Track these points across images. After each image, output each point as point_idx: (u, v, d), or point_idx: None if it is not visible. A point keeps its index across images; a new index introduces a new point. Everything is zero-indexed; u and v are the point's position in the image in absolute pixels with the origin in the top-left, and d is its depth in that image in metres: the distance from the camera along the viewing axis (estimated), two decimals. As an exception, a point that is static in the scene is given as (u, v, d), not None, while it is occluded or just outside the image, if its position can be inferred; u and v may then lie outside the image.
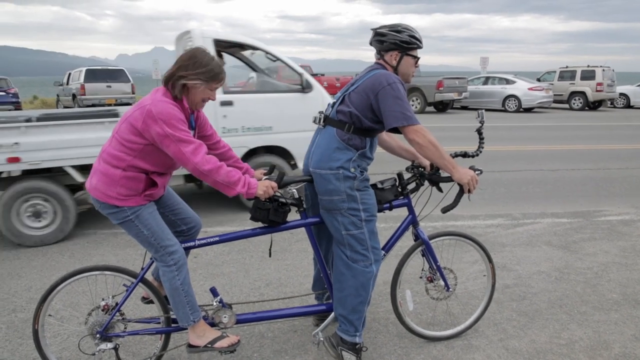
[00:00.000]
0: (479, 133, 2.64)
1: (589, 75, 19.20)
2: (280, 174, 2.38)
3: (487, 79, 19.66)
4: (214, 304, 2.45)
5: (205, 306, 2.54)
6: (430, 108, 18.20)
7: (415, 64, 2.51)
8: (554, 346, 2.79)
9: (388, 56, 2.47)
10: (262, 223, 2.44)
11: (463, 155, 2.74)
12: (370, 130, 2.43)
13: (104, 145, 2.25)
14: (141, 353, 2.70)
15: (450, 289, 2.78)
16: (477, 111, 2.61)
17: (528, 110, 18.63)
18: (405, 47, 2.44)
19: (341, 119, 2.41)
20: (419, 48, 2.49)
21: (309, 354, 2.71)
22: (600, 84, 18.93)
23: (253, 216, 2.41)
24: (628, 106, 21.15)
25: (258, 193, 2.24)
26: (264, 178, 2.45)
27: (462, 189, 2.44)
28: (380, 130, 2.47)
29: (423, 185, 2.70)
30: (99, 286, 3.24)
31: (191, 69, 2.14)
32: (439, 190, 2.69)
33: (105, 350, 2.35)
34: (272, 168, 2.67)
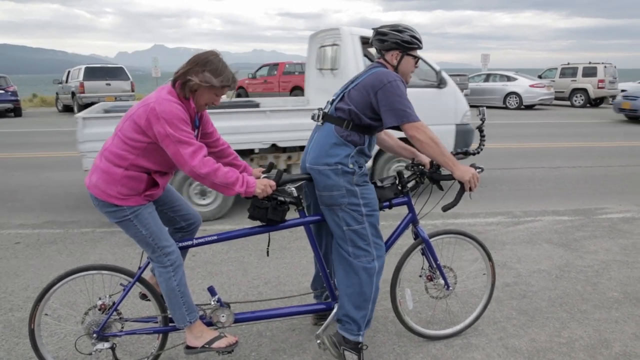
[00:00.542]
0: (480, 130, 2.62)
1: (591, 72, 19.13)
2: (278, 172, 2.36)
3: (488, 76, 19.61)
4: (212, 303, 2.43)
5: (203, 305, 2.52)
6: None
7: (415, 64, 2.52)
8: (554, 345, 2.77)
9: (389, 55, 2.48)
10: (261, 222, 2.42)
11: (464, 153, 2.72)
12: (369, 127, 2.41)
13: (106, 142, 2.23)
14: (138, 352, 2.69)
15: (450, 288, 2.76)
16: (478, 108, 2.60)
17: (529, 107, 18.57)
18: (406, 47, 2.45)
19: (340, 116, 2.40)
20: (419, 48, 2.50)
21: (308, 353, 2.69)
22: (602, 81, 18.86)
23: (251, 215, 2.39)
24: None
25: (256, 192, 2.21)
26: (263, 176, 2.43)
27: (463, 187, 2.41)
28: (379, 128, 2.46)
29: (423, 183, 2.67)
30: (96, 285, 3.22)
31: (204, 73, 2.12)
32: (440, 188, 2.67)
33: (102, 350, 2.33)
34: (271, 166, 2.64)
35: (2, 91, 16.68)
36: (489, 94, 18.83)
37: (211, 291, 2.45)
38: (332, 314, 2.55)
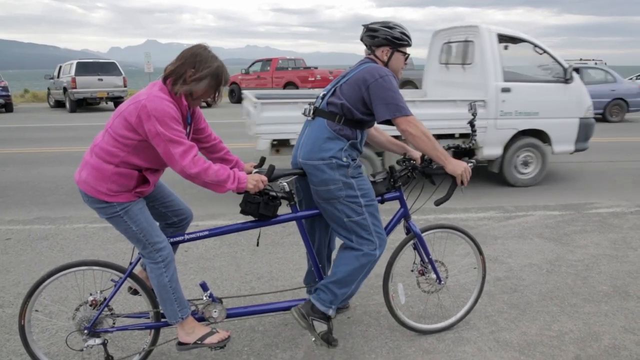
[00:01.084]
0: (471, 125, 2.63)
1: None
2: (270, 167, 2.36)
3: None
4: (204, 299, 2.43)
5: (195, 300, 2.52)
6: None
7: (404, 61, 2.55)
8: (545, 338, 2.79)
9: (379, 52, 2.49)
10: (253, 217, 2.42)
11: (456, 147, 2.73)
12: (361, 122, 2.42)
13: (96, 138, 2.20)
14: (130, 348, 2.68)
15: (441, 282, 2.78)
16: (469, 103, 2.60)
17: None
18: (396, 43, 2.47)
19: (332, 110, 2.40)
20: (409, 45, 2.52)
21: (300, 348, 2.70)
22: (592, 78, 18.96)
23: (243, 210, 2.38)
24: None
25: (248, 187, 2.21)
26: (254, 171, 2.42)
27: (455, 181, 2.42)
28: (371, 122, 2.46)
29: (415, 178, 2.68)
30: (87, 281, 3.20)
31: (195, 68, 2.10)
32: (432, 182, 2.68)
33: (93, 345, 2.33)
34: (262, 161, 2.64)
35: (-7, 86, 16.52)
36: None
37: (203, 287, 2.45)
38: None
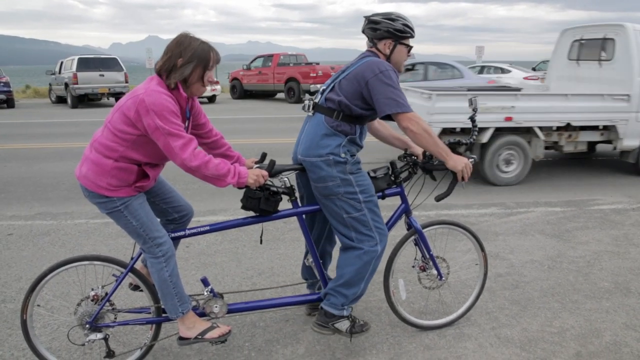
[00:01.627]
0: (472, 120, 2.62)
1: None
2: (271, 162, 2.35)
3: (483, 68, 19.56)
4: (205, 294, 2.43)
5: (196, 296, 2.52)
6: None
7: (407, 53, 2.50)
8: (546, 334, 2.79)
9: (381, 44, 2.45)
10: (254, 212, 2.41)
11: (457, 143, 2.71)
12: (359, 117, 2.40)
13: (96, 133, 2.20)
14: (132, 343, 2.69)
15: (442, 278, 2.77)
16: (470, 99, 2.59)
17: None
18: (399, 36, 2.42)
19: (330, 107, 2.39)
20: (412, 37, 2.47)
21: (301, 343, 2.70)
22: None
23: (244, 205, 2.38)
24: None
25: (249, 182, 2.21)
26: (255, 166, 2.42)
27: (456, 177, 2.42)
28: (371, 117, 2.45)
29: (416, 173, 2.67)
30: (89, 276, 3.21)
31: (182, 56, 2.09)
32: (433, 178, 2.68)
33: (95, 340, 2.33)
34: (263, 156, 2.63)
35: (-5, 82, 16.52)
36: (484, 86, 18.81)
37: (204, 282, 2.45)
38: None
